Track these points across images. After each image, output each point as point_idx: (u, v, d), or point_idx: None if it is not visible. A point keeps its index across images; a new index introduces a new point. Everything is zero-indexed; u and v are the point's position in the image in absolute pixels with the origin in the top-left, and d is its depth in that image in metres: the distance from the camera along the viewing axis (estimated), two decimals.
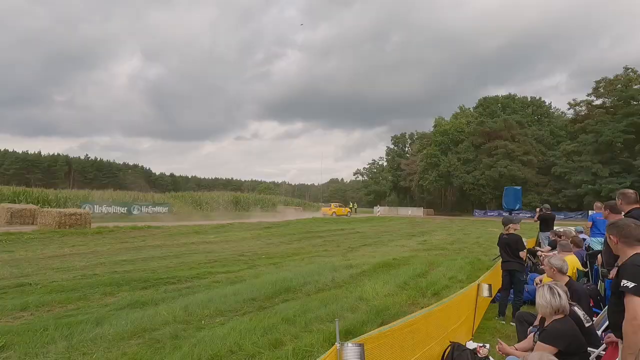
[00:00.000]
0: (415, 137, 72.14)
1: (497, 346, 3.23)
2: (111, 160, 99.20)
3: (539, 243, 10.74)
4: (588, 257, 6.47)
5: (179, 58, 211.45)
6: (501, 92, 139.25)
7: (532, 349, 3.02)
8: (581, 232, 10.10)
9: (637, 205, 4.02)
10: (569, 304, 3.24)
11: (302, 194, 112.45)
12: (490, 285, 4.59)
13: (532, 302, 4.73)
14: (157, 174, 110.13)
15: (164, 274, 8.32)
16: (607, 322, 3.14)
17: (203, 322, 5.02)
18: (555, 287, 2.85)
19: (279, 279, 7.47)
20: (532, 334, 3.28)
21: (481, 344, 3.99)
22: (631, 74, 41.54)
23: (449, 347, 3.41)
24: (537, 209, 11.54)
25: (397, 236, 19.35)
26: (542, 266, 8.20)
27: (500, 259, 5.69)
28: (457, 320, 3.98)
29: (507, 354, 3.11)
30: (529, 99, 57.02)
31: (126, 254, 11.44)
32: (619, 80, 42.02)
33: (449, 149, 54.66)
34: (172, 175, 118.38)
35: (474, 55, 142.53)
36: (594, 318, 3.74)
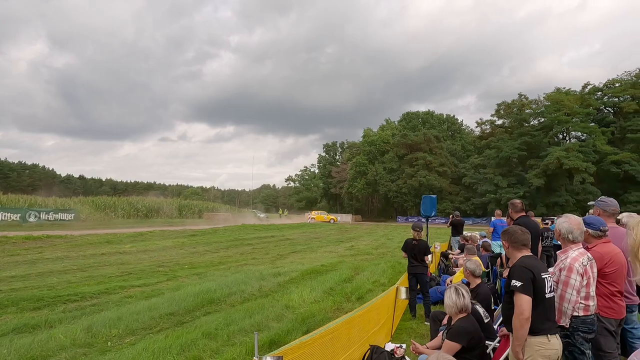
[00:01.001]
0: (346, 146, 75.07)
1: (411, 347, 3.43)
2: (2, 159, 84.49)
3: (451, 246, 11.89)
4: (489, 259, 7.32)
5: (95, 47, 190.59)
6: (422, 108, 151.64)
7: (441, 347, 3.28)
8: (484, 237, 11.42)
9: (524, 213, 4.68)
10: (472, 302, 3.61)
11: (232, 200, 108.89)
12: (407, 288, 4.89)
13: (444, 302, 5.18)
14: (62, 175, 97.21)
15: (64, 290, 7.31)
16: (502, 317, 3.55)
17: (109, 343, 4.50)
18: (460, 288, 3.14)
19: (201, 290, 7.06)
20: (442, 332, 3.57)
21: (398, 345, 4.22)
22: (524, 99, 48.69)
23: (369, 351, 3.54)
24: (450, 216, 12.82)
25: (326, 242, 19.75)
26: (453, 268, 9.06)
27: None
28: (377, 324, 4.16)
29: (420, 354, 3.33)
30: (445, 116, 63.21)
31: (15, 268, 9.80)
32: (515, 104, 48.93)
33: (376, 158, 57.85)
34: (82, 177, 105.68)
35: (400, 72, 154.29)
36: (493, 314, 4.22)
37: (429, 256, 7.86)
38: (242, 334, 4.79)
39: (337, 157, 79.02)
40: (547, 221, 9.95)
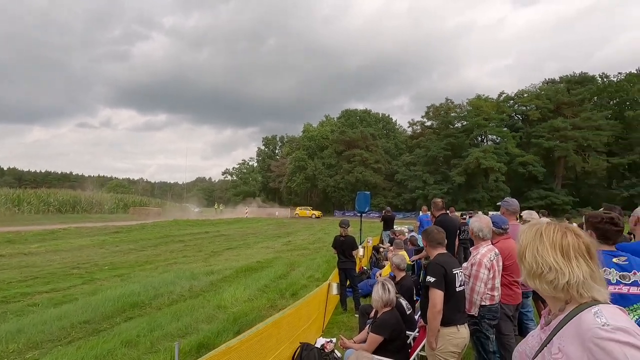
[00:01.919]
0: (286, 140, 74.74)
1: (339, 342, 3.55)
2: None
3: (382, 240, 12.54)
4: (415, 252, 7.87)
5: None
6: (361, 106, 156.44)
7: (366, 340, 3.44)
8: (412, 231, 12.27)
9: (444, 211, 5.12)
10: (396, 296, 3.84)
11: (163, 193, 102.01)
12: (338, 284, 5.04)
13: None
14: None
15: None
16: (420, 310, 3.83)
17: None
18: (387, 283, 3.32)
19: (123, 293, 6.51)
20: (368, 325, 3.75)
21: (328, 339, 4.34)
22: (450, 103, 53.01)
23: (299, 348, 3.58)
24: (383, 211, 13.51)
25: (263, 238, 19.53)
26: (383, 261, 9.54)
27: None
28: (308, 320, 4.22)
29: (347, 348, 3.46)
30: (381, 115, 66.22)
31: None
32: (442, 107, 53.05)
33: (315, 154, 58.61)
34: None
35: (340, 70, 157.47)
36: (416, 305, 4.55)
37: (361, 250, 8.23)
38: (168, 339, 4.53)
39: (276, 151, 78.35)
40: (465, 216, 10.97)
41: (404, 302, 3.79)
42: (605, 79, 47.30)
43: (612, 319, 1.03)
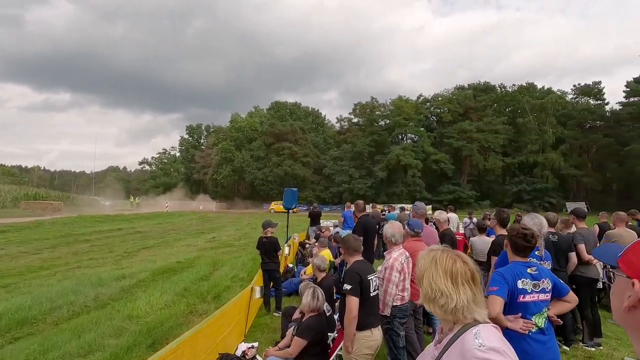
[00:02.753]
0: (212, 129, 71.27)
1: (264, 354, 3.54)
2: None
3: (308, 236, 12.77)
4: (339, 249, 8.17)
5: None
6: (291, 98, 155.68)
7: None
8: (337, 226, 12.71)
9: (365, 212, 5.41)
10: None
11: (66, 184, 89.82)
12: (261, 287, 5.01)
13: (298, 293, 5.50)
14: None
15: None
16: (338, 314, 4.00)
17: None
18: (318, 291, 3.39)
19: (8, 308, 5.60)
20: (292, 328, 3.80)
21: (250, 345, 4.29)
22: (375, 102, 55.93)
23: None
24: (311, 207, 13.76)
25: (186, 234, 18.47)
26: (309, 258, 9.72)
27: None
28: (228, 327, 4.11)
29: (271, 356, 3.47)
30: (311, 109, 67.00)
31: None
32: (368, 106, 55.72)
33: (243, 145, 57.08)
34: None
35: (271, 60, 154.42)
36: (335, 305, 4.73)
37: (286, 249, 8.27)
38: None
39: (202, 141, 74.32)
40: (384, 212, 11.72)
41: (324, 305, 3.91)
42: (503, 89, 54.39)
43: (487, 339, 1.20)
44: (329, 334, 3.77)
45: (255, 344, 4.46)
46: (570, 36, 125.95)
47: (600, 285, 5.65)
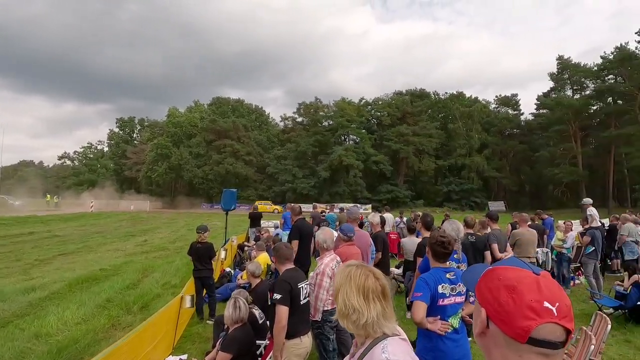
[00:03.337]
0: (147, 124, 66.48)
1: None
2: None
3: (248, 238, 12.51)
4: None
5: None
6: (234, 94, 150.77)
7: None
8: (277, 227, 12.63)
9: (301, 216, 5.44)
10: (249, 307, 3.87)
11: None
12: (192, 296, 4.77)
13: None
14: None
15: None
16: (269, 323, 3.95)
17: None
18: (239, 300, 3.30)
19: None
20: (219, 340, 3.67)
21: (178, 358, 4.07)
22: (319, 103, 56.62)
23: None
24: (252, 207, 13.47)
25: (113, 237, 16.96)
26: (248, 261, 9.53)
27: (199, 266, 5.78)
28: (153, 341, 3.86)
29: None
30: (254, 107, 65.70)
31: None
32: (312, 106, 56.21)
33: (182, 141, 54.15)
34: None
35: (214, 53, 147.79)
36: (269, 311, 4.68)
37: (222, 253, 8.02)
38: None
39: (134, 136, 68.97)
40: (324, 213, 11.92)
41: (257, 312, 3.85)
42: (436, 96, 58.48)
43: (392, 353, 1.27)
44: (260, 342, 3.71)
45: (184, 357, 4.25)
46: (493, 51, 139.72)
47: None
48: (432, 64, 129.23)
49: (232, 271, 8.22)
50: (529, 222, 7.39)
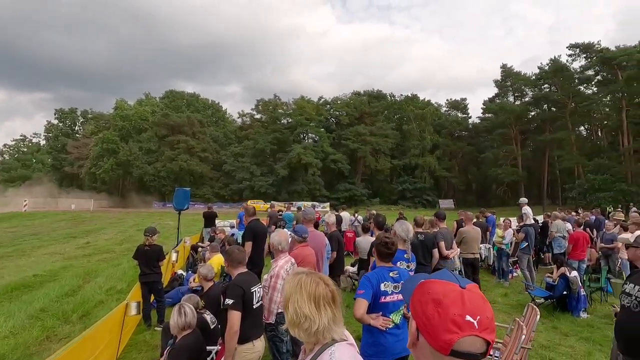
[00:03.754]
0: (90, 116, 61.67)
1: None
2: None
3: (202, 238, 12.11)
4: None
5: None
6: (189, 87, 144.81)
7: None
8: (233, 227, 12.36)
9: (255, 217, 5.36)
10: (199, 312, 3.75)
11: None
12: (139, 303, 4.52)
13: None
14: None
15: None
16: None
17: None
18: (184, 306, 3.18)
19: None
20: (167, 349, 3.51)
21: None
22: (278, 100, 56.15)
23: None
24: (207, 207, 13.02)
25: (50, 240, 15.54)
26: (202, 262, 9.23)
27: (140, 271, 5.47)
28: (94, 352, 3.60)
29: None
30: (210, 102, 63.62)
31: None
32: (271, 103, 55.62)
33: (131, 136, 51.04)
34: None
35: (167, 44, 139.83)
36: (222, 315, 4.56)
37: (174, 255, 7.69)
38: None
39: (76, 129, 63.70)
40: (280, 212, 11.86)
41: (208, 317, 3.74)
42: (392, 98, 60.49)
43: (339, 358, 1.30)
44: (212, 347, 3.61)
45: None
46: (445, 56, 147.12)
47: (455, 273, 6.76)
48: (388, 66, 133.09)
49: (184, 273, 7.90)
50: (474, 220, 7.90)
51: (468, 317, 0.69)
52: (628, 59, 34.91)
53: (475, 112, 73.46)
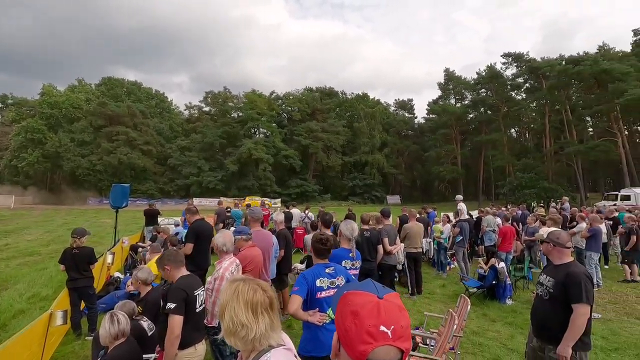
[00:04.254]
0: (11, 101, 54.79)
1: None
2: None
3: (144, 238, 11.39)
4: None
5: None
6: (131, 75, 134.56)
7: None
8: (178, 225, 11.78)
9: (199, 217, 5.14)
10: (135, 318, 3.53)
11: None
12: (66, 311, 4.14)
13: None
14: None
15: None
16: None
17: None
18: (116, 314, 2.96)
19: None
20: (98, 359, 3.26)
21: None
22: (228, 93, 54.42)
23: None
24: (154, 205, 12.17)
25: None
26: (141, 263, 8.69)
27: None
28: None
29: None
30: (154, 92, 59.80)
31: None
32: (221, 95, 53.76)
33: (61, 125, 46.34)
34: None
35: (107, 26, 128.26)
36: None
37: (109, 258, 7.16)
38: None
39: None
40: (229, 210, 11.55)
41: (145, 324, 3.53)
42: (344, 95, 61.55)
43: None
44: (148, 355, 3.42)
45: None
46: (395, 58, 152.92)
47: (399, 267, 7.11)
48: (341, 64, 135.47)
49: (121, 277, 7.38)
50: (417, 216, 8.35)
51: (382, 328, 0.71)
52: (551, 70, 38.94)
53: (420, 112, 77.55)
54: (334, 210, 12.26)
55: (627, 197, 22.00)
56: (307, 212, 12.07)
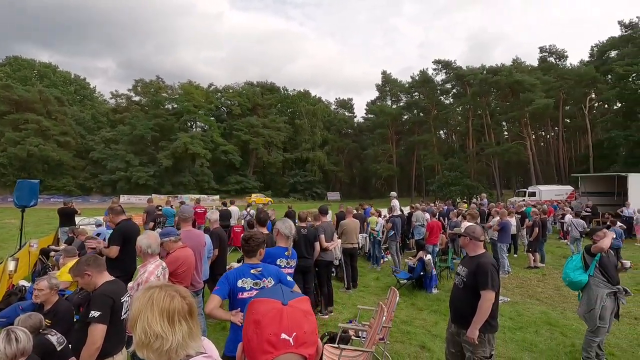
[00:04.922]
0: None
1: None
2: None
3: (58, 240, 10.15)
4: None
5: None
6: (44, 57, 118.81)
7: None
8: (100, 225, 10.71)
9: (124, 217, 4.71)
10: (42, 332, 3.13)
11: None
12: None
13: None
14: None
15: None
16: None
17: None
18: (15, 331, 2.59)
19: None
20: None
21: None
22: (161, 82, 50.82)
23: None
24: (69, 204, 10.84)
25: None
26: (54, 270, 7.77)
27: None
28: None
29: None
30: (73, 76, 53.66)
31: None
32: (153, 84, 49.99)
33: None
34: None
35: None
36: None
37: (11, 264, 6.29)
38: None
39: None
40: (160, 208, 10.84)
41: (53, 338, 3.13)
42: (285, 92, 61.23)
43: None
44: None
45: None
46: (336, 57, 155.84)
47: (336, 262, 7.30)
48: (283, 60, 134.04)
49: (26, 285, 6.48)
50: (354, 212, 8.63)
51: (283, 335, 0.70)
52: (474, 78, 42.92)
53: (360, 112, 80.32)
54: (272, 208, 12.16)
55: (533, 194, 25.07)
56: (248, 209, 11.81)
